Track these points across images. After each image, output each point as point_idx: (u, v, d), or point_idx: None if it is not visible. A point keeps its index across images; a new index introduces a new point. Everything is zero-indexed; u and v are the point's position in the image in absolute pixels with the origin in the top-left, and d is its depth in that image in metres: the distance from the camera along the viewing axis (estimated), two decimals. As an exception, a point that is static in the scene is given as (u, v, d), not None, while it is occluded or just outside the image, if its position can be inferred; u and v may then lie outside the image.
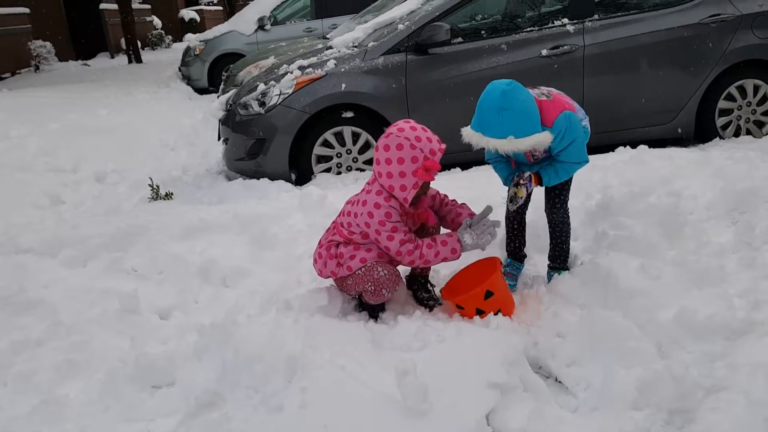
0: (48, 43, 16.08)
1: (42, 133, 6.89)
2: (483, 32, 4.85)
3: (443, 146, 2.40)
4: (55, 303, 2.83)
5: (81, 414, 2.16)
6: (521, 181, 2.55)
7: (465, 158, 4.75)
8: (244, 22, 11.27)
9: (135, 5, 18.32)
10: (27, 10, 16.19)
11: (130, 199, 4.92)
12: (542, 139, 2.36)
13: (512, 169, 2.68)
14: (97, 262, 3.26)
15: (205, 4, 28.48)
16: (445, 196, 2.69)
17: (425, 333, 2.23)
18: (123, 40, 17.82)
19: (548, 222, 2.76)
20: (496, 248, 2.90)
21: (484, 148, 2.49)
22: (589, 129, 2.70)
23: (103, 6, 19.92)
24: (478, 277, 2.53)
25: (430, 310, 2.58)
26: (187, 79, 11.70)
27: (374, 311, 2.53)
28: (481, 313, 2.41)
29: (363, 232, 2.43)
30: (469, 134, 2.44)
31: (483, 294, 2.40)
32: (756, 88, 4.87)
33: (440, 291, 2.62)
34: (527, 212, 2.86)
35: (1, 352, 2.50)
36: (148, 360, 2.27)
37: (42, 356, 2.46)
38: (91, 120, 7.82)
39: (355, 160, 4.79)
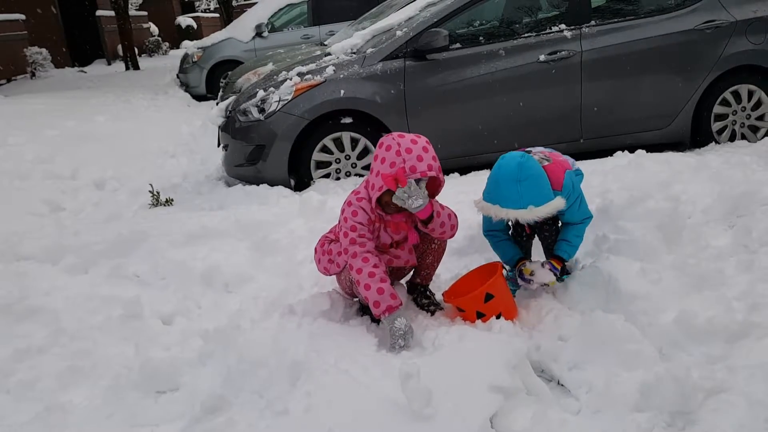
0: (44, 50, 16.06)
1: (39, 141, 6.89)
2: (481, 38, 4.89)
3: (431, 173, 2.32)
4: (57, 310, 2.83)
5: (85, 421, 2.16)
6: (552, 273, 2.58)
7: (466, 163, 4.80)
8: (241, 29, 11.33)
9: (132, 12, 18.35)
10: (23, 17, 16.17)
11: (130, 205, 4.92)
12: (558, 205, 2.42)
13: (516, 249, 2.71)
14: (99, 269, 3.26)
15: (201, 11, 28.55)
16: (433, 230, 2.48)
17: (428, 337, 2.24)
18: (120, 47, 17.84)
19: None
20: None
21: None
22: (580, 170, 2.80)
23: (99, 12, 19.96)
24: (479, 281, 2.55)
25: (432, 314, 2.59)
26: (186, 86, 11.74)
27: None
28: (481, 316, 2.42)
29: None
30: (485, 206, 2.46)
31: (483, 297, 2.42)
32: (750, 93, 4.91)
33: (442, 294, 2.64)
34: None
35: (3, 359, 2.50)
36: (152, 366, 2.28)
37: (45, 363, 2.47)
38: (89, 127, 7.83)
39: (353, 165, 4.81)
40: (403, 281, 2.77)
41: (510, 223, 2.70)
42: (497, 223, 2.60)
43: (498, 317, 2.43)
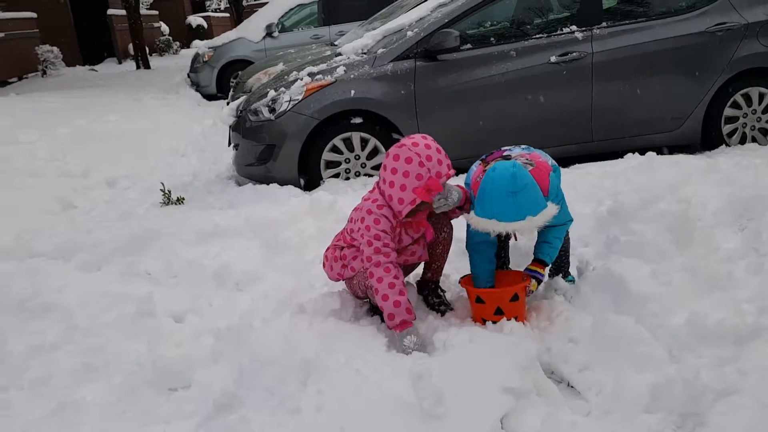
0: (55, 48, 16.17)
1: (51, 139, 6.95)
2: (492, 39, 4.90)
3: (452, 172, 2.40)
4: (70, 307, 2.85)
5: (98, 418, 2.17)
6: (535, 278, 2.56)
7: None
8: (252, 29, 11.38)
9: (143, 11, 18.43)
10: (34, 15, 16.29)
11: (142, 204, 4.96)
12: (553, 211, 2.36)
13: (494, 261, 2.63)
14: (112, 267, 3.28)
15: (212, 11, 28.64)
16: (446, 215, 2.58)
17: (438, 338, 2.25)
18: (131, 46, 17.94)
19: None
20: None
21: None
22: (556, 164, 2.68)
23: (110, 11, 20.06)
24: (502, 282, 2.57)
25: (442, 315, 2.60)
26: (196, 86, 11.81)
27: (386, 314, 2.55)
28: (499, 313, 2.43)
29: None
30: (479, 222, 2.35)
31: (511, 296, 2.43)
32: (761, 96, 4.89)
33: (459, 279, 2.64)
34: None
35: (17, 355, 2.52)
36: (164, 363, 2.31)
37: (58, 360, 2.49)
38: (101, 125, 7.88)
39: (363, 165, 4.82)
40: (412, 279, 2.78)
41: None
42: (485, 235, 2.44)
43: (509, 319, 2.43)
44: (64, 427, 2.12)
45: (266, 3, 13.35)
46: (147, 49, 17.50)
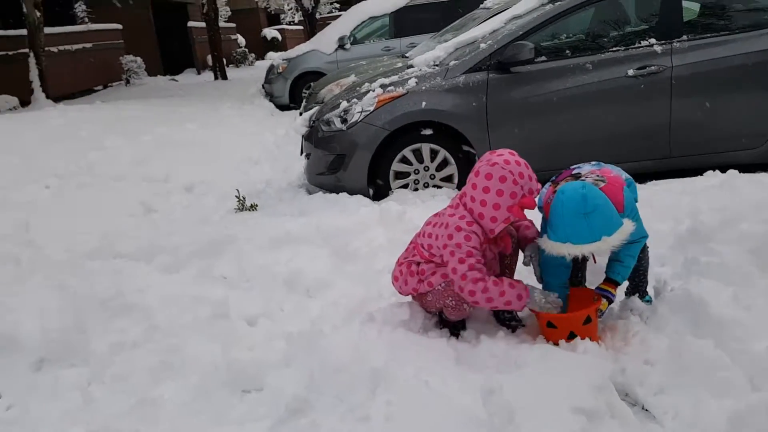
0: (138, 58, 17.01)
1: (135, 145, 7.30)
2: (567, 51, 4.82)
3: (539, 186, 2.41)
4: (150, 307, 2.98)
5: (175, 416, 2.25)
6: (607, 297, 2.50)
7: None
8: (325, 41, 11.63)
9: (221, 23, 19.12)
10: (120, 26, 17.20)
11: (217, 209, 5.13)
12: (630, 229, 2.30)
13: (568, 285, 2.58)
14: (189, 269, 3.42)
15: (286, 24, 29.39)
16: (531, 229, 2.65)
17: (510, 354, 2.23)
18: (209, 57, 18.62)
19: None
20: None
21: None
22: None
23: (190, 24, 20.92)
24: (572, 299, 2.52)
25: (513, 331, 2.57)
26: (270, 96, 12.13)
27: (455, 329, 2.56)
28: (572, 337, 2.38)
29: (441, 255, 2.44)
30: (554, 247, 2.32)
31: (584, 318, 2.38)
32: None
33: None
34: None
35: (100, 352, 2.66)
36: (238, 365, 2.37)
37: (138, 358, 2.60)
38: (180, 133, 8.21)
39: (432, 176, 4.84)
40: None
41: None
42: (561, 258, 2.39)
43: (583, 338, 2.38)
44: (144, 422, 2.20)
45: (338, 16, 13.62)
46: (224, 60, 18.11)
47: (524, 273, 2.73)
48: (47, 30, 12.47)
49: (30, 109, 11.10)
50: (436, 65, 5.06)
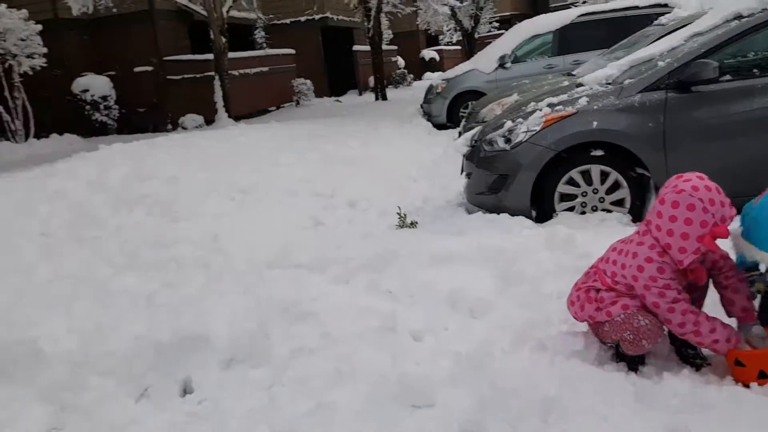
0: (308, 81, 18.15)
1: (304, 162, 7.77)
2: (755, 70, 4.42)
3: (734, 212, 2.23)
4: (323, 315, 3.14)
5: (348, 422, 2.32)
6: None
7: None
8: (484, 60, 11.63)
9: (383, 46, 19.87)
10: (293, 51, 18.48)
11: (379, 224, 5.29)
12: None
13: None
14: (358, 281, 3.57)
15: (444, 44, 29.85)
16: (727, 261, 2.45)
17: (696, 393, 2.07)
18: (371, 79, 19.40)
19: None
20: None
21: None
22: None
23: (356, 48, 21.96)
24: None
25: (698, 369, 2.39)
26: (428, 116, 12.35)
27: (633, 363, 2.41)
28: (763, 377, 2.17)
29: (628, 285, 2.34)
30: (746, 246, 2.27)
31: None
32: None
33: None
34: None
35: (281, 356, 2.84)
36: (408, 379, 2.42)
37: (315, 363, 2.74)
38: (344, 151, 8.61)
39: (601, 200, 4.64)
40: (665, 331, 2.59)
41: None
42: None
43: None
44: (322, 426, 2.31)
45: (497, 35, 13.58)
46: (385, 81, 18.78)
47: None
48: (230, 55, 13.73)
49: (214, 127, 12.27)
50: (609, 84, 4.86)
